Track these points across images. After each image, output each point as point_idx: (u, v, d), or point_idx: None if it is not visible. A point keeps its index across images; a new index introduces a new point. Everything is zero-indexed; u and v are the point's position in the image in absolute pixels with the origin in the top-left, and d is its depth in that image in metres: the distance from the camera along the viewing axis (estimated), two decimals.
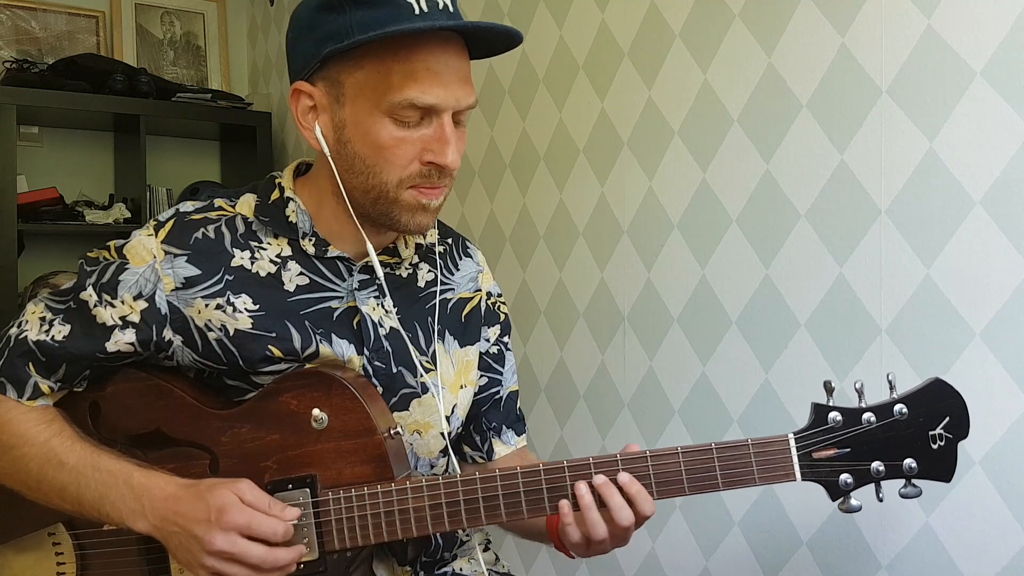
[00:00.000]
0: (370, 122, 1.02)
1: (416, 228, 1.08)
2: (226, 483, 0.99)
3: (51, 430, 1.06)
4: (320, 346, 1.08)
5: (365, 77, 1.01)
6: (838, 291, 1.43)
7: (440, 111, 1.01)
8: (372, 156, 1.03)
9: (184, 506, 0.98)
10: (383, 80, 1.00)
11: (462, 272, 1.25)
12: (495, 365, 1.26)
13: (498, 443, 1.25)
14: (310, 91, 1.05)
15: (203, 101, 3.17)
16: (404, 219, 1.06)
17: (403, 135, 1.02)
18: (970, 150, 1.26)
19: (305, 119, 1.07)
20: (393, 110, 1.00)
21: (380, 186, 1.04)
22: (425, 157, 1.03)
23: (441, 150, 1.02)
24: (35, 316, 1.09)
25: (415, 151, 1.03)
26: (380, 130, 1.02)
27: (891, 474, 0.98)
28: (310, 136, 1.07)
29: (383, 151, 1.02)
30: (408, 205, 1.05)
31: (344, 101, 1.03)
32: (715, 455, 0.98)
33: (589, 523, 0.99)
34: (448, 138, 1.02)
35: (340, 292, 1.12)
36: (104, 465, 1.03)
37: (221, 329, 1.07)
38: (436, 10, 1.00)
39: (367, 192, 1.05)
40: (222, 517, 0.96)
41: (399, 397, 1.13)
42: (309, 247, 1.11)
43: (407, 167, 1.03)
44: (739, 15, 1.58)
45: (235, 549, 0.95)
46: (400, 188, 1.04)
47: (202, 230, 1.09)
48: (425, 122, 1.02)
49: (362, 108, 1.02)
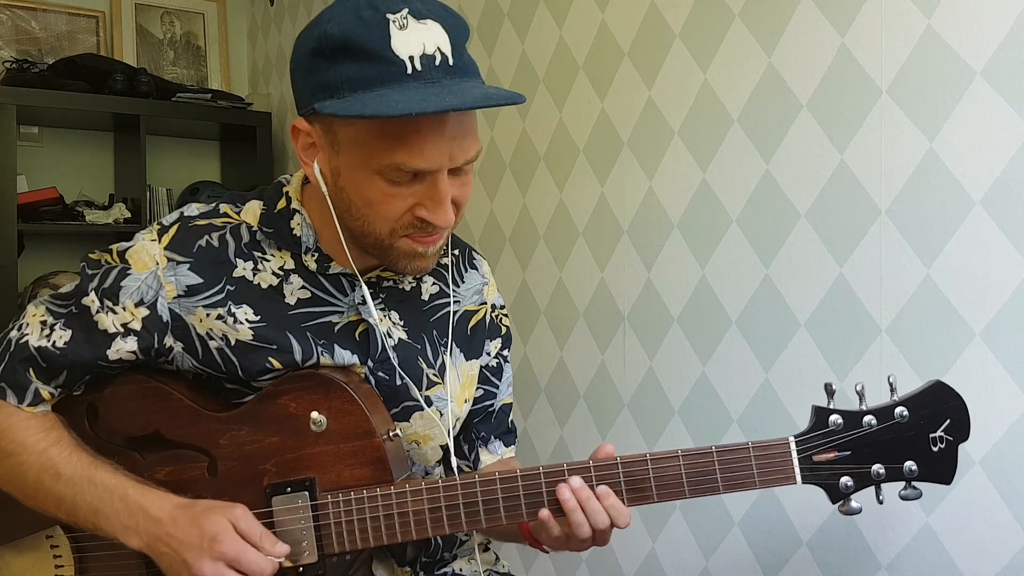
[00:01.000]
0: (361, 177, 0.97)
1: (414, 272, 1.06)
2: (221, 509, 0.99)
3: (50, 439, 1.06)
4: (322, 357, 1.08)
5: (356, 134, 0.96)
6: (838, 291, 1.43)
7: (432, 171, 0.96)
8: (364, 208, 0.99)
9: (177, 529, 0.98)
10: (373, 141, 0.95)
11: (468, 284, 1.23)
12: (492, 378, 1.25)
13: (484, 452, 1.24)
14: (308, 130, 1.01)
15: (203, 101, 3.17)
16: (401, 264, 1.04)
17: (394, 192, 0.97)
18: (970, 150, 1.26)
19: (305, 155, 1.03)
20: (383, 171, 0.96)
21: (374, 234, 1.01)
22: (418, 212, 0.98)
23: (434, 209, 0.98)
24: (36, 320, 1.09)
25: (407, 205, 0.98)
26: (371, 186, 0.97)
27: (891, 477, 0.98)
28: (310, 172, 1.03)
29: (374, 206, 0.99)
30: (404, 252, 1.02)
31: (338, 149, 0.99)
32: (715, 458, 0.98)
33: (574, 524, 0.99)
34: (441, 198, 0.97)
35: (341, 307, 1.11)
36: (100, 479, 1.03)
37: (222, 339, 1.07)
38: (431, 68, 0.93)
39: (364, 236, 1.03)
40: (213, 546, 0.96)
41: (400, 409, 1.12)
42: (311, 263, 1.10)
43: (399, 219, 0.99)
44: (739, 15, 1.58)
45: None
46: (393, 237, 1.01)
47: (206, 238, 1.09)
48: (418, 179, 0.97)
49: (354, 162, 0.97)
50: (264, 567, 0.97)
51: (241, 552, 0.97)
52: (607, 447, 1.03)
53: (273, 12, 3.38)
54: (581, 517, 0.98)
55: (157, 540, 0.99)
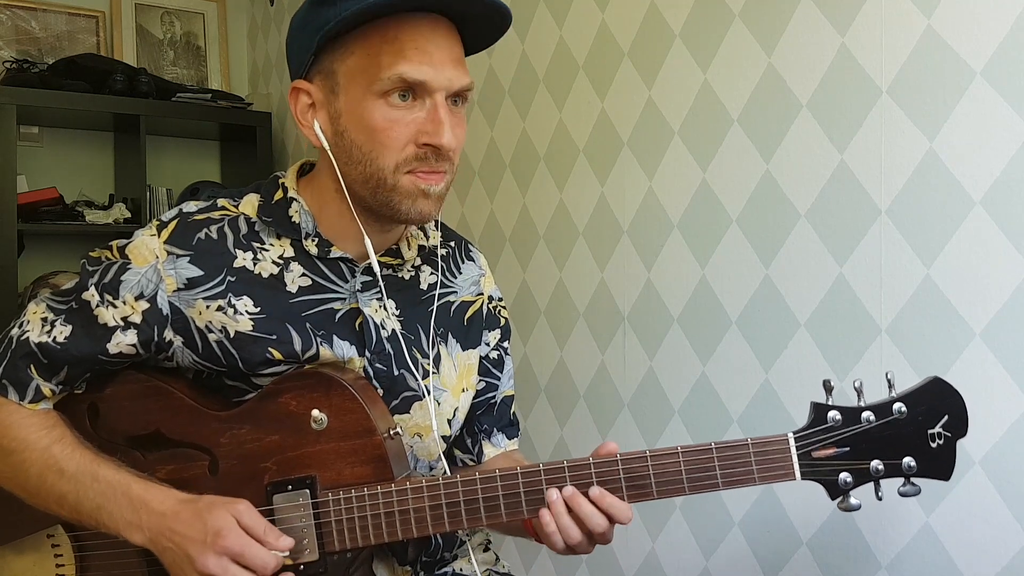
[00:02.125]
0: (364, 107, 1.02)
1: (417, 216, 1.06)
2: (225, 504, 0.99)
3: (52, 436, 1.06)
4: (321, 348, 1.08)
5: (356, 62, 1.02)
6: (838, 291, 1.43)
7: (432, 90, 1.01)
8: (368, 142, 1.03)
9: (181, 524, 0.98)
10: (373, 62, 1.00)
11: (464, 275, 1.24)
12: (494, 370, 1.25)
13: (487, 445, 1.25)
14: (307, 88, 1.06)
15: (203, 101, 3.17)
16: (405, 206, 1.04)
17: (397, 116, 1.01)
18: (970, 150, 1.26)
19: (304, 117, 1.07)
20: (385, 90, 1.00)
21: (377, 173, 1.03)
22: (420, 139, 1.02)
23: (436, 130, 1.01)
24: (36, 317, 1.09)
25: (410, 133, 1.02)
26: (374, 112, 1.01)
27: (890, 473, 0.98)
28: (309, 133, 1.07)
29: (377, 134, 1.02)
30: (407, 191, 1.04)
31: (338, 91, 1.04)
32: (715, 455, 0.98)
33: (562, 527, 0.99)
34: (442, 119, 1.01)
35: (343, 293, 1.11)
36: (103, 475, 1.03)
37: (221, 331, 1.07)
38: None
39: (366, 182, 1.04)
40: (217, 541, 0.96)
41: (400, 400, 1.13)
42: (312, 248, 1.10)
43: (403, 150, 1.02)
44: (739, 15, 1.58)
45: (225, 574, 0.96)
46: (397, 173, 1.03)
47: (205, 231, 1.09)
48: (419, 104, 1.02)
49: (355, 94, 1.02)
50: (268, 561, 0.97)
51: (245, 547, 0.97)
52: (610, 445, 1.03)
53: (273, 12, 3.39)
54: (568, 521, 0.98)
55: (160, 535, 0.99)
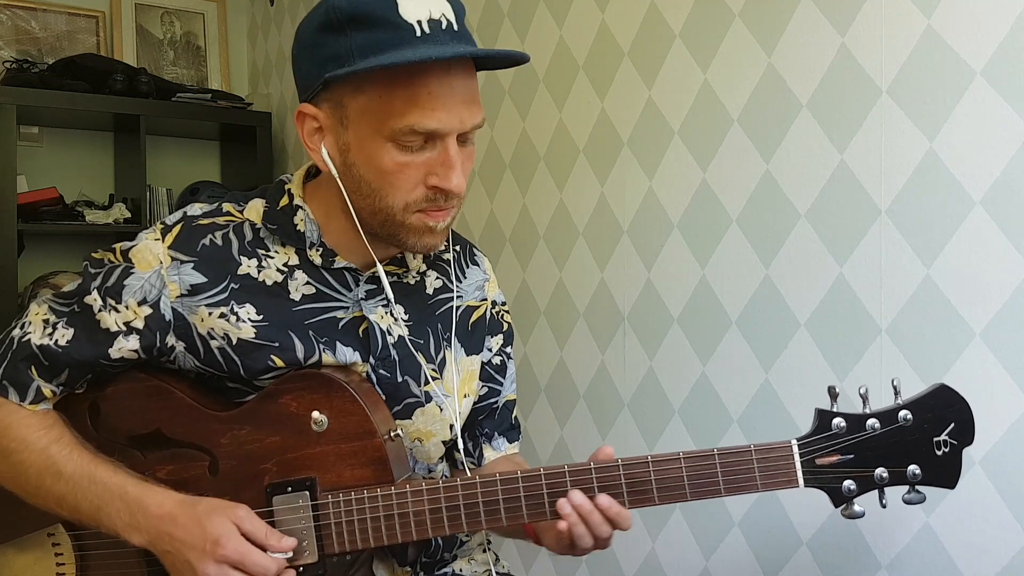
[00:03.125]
0: (373, 147, 0.99)
1: (423, 249, 1.07)
2: (225, 509, 0.99)
3: (50, 436, 1.06)
4: (323, 355, 1.08)
5: (367, 102, 0.98)
6: (838, 291, 1.43)
7: (443, 135, 0.99)
8: (376, 181, 1.01)
9: (180, 529, 0.98)
10: (384, 106, 0.97)
11: (469, 280, 1.23)
12: (496, 375, 1.25)
13: (488, 449, 1.25)
14: (315, 113, 1.03)
15: (203, 101, 3.17)
16: (411, 241, 1.05)
17: (407, 160, 0.99)
18: (970, 150, 1.26)
19: (311, 140, 1.05)
20: (395, 136, 0.97)
21: (386, 210, 1.02)
22: (430, 181, 1.00)
23: (446, 174, 1.00)
24: (38, 318, 1.09)
25: (419, 175, 1.00)
26: (383, 155, 0.99)
27: (895, 481, 0.97)
28: (317, 158, 1.05)
29: (387, 176, 1.00)
30: (415, 228, 1.03)
31: (348, 124, 1.01)
32: (717, 461, 0.98)
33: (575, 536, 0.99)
34: (452, 162, 0.99)
35: (346, 302, 1.11)
36: (100, 477, 1.03)
37: (224, 338, 1.07)
38: (439, 31, 0.97)
39: (374, 215, 1.04)
40: (217, 549, 0.96)
41: (403, 406, 1.12)
42: (316, 258, 1.10)
43: (412, 192, 1.01)
44: (739, 15, 1.58)
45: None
46: (407, 212, 1.02)
47: (209, 236, 1.09)
48: (429, 146, 0.99)
49: (365, 132, 0.99)
50: (269, 567, 0.97)
51: (245, 554, 0.96)
52: (606, 449, 1.03)
53: (273, 12, 3.38)
54: (583, 530, 0.99)
55: (159, 538, 0.99)
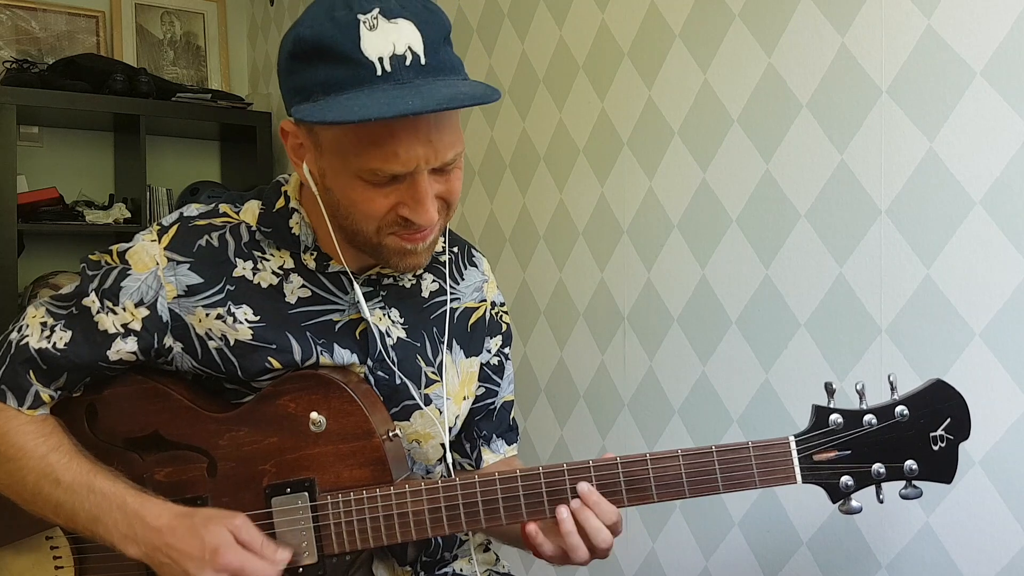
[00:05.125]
0: (343, 179, 0.98)
1: (407, 269, 1.06)
2: (222, 518, 0.99)
3: (49, 444, 1.05)
4: (321, 357, 1.08)
5: (334, 137, 0.96)
6: (838, 291, 1.42)
7: (411, 172, 0.95)
8: (349, 208, 1.00)
9: (177, 539, 0.98)
10: (349, 144, 0.95)
11: (467, 281, 1.23)
12: (494, 376, 1.25)
13: (487, 451, 1.24)
14: (295, 131, 1.02)
15: (203, 101, 3.17)
16: (393, 261, 1.04)
17: (375, 192, 0.97)
18: (970, 150, 1.26)
19: (295, 155, 1.04)
20: (360, 175, 0.96)
21: (362, 233, 1.01)
22: (401, 211, 0.98)
23: (414, 208, 0.97)
24: (36, 321, 1.08)
25: (389, 204, 0.97)
26: (352, 188, 0.97)
27: (892, 476, 0.98)
28: (300, 173, 1.04)
29: (357, 206, 0.99)
30: (393, 250, 1.02)
31: (321, 151, 0.99)
32: (715, 458, 0.98)
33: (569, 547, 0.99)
34: (420, 197, 0.96)
35: (342, 305, 1.11)
36: (98, 487, 1.02)
37: (221, 339, 1.07)
38: (402, 68, 0.91)
39: (354, 235, 1.03)
40: (216, 558, 0.96)
41: (401, 408, 1.12)
42: (311, 262, 1.10)
43: (383, 218, 0.99)
44: (739, 15, 1.58)
45: None
46: (380, 235, 1.01)
47: (206, 237, 1.09)
48: (399, 179, 0.96)
49: (335, 164, 0.98)
50: (269, 574, 0.97)
51: (244, 562, 0.96)
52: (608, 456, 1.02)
53: (273, 12, 3.38)
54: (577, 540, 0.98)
55: (156, 550, 0.99)
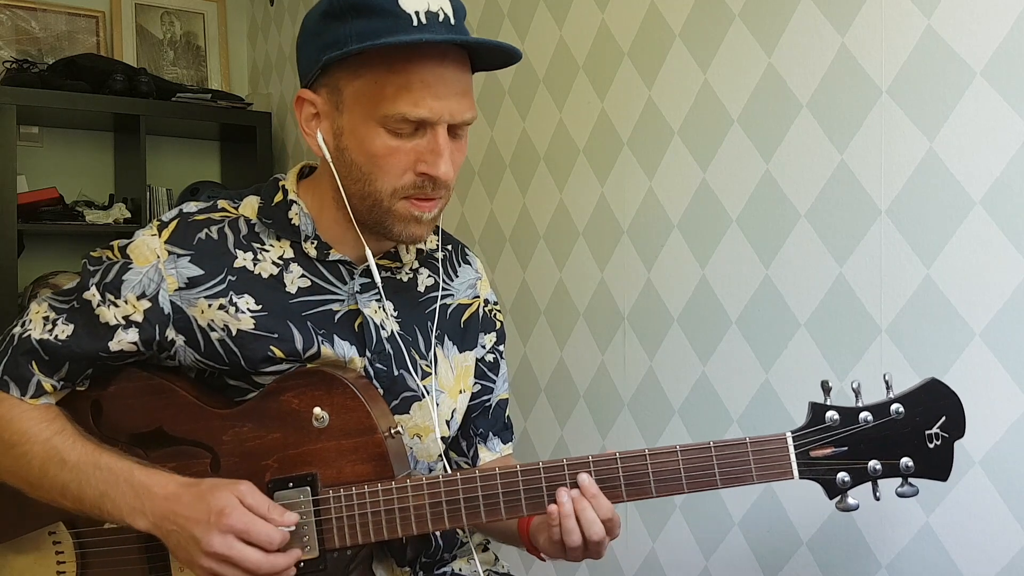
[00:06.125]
0: (365, 130, 1.02)
1: (408, 239, 1.08)
2: (227, 485, 1.00)
3: (53, 428, 1.06)
4: (322, 347, 1.09)
5: (362, 86, 1.01)
6: (838, 291, 1.43)
7: (433, 123, 1.01)
8: (367, 164, 1.03)
9: (184, 506, 0.99)
10: (378, 91, 1.00)
11: (461, 279, 1.25)
12: (489, 373, 1.26)
13: (483, 449, 1.26)
14: (312, 99, 1.06)
15: (203, 101, 3.17)
16: (397, 229, 1.07)
17: (396, 144, 1.02)
18: (970, 150, 1.26)
19: (308, 126, 1.08)
20: (386, 121, 1.01)
21: (375, 194, 1.05)
22: (419, 168, 1.03)
23: (434, 161, 1.02)
24: (39, 315, 1.09)
25: (408, 161, 1.03)
26: (374, 139, 1.02)
27: (888, 473, 0.98)
28: (312, 142, 1.08)
29: (377, 160, 1.03)
30: (401, 216, 1.06)
31: (343, 108, 1.04)
32: (713, 453, 0.99)
33: (565, 530, 0.99)
34: (441, 150, 1.02)
35: (341, 295, 1.12)
36: (105, 463, 1.03)
37: (224, 329, 1.07)
38: (436, 23, 0.99)
39: (363, 199, 1.06)
40: (221, 520, 0.96)
41: (400, 400, 1.13)
42: (311, 250, 1.11)
43: (401, 177, 1.03)
44: (739, 15, 1.58)
45: (232, 552, 0.96)
46: (394, 198, 1.04)
47: (205, 231, 1.10)
48: (419, 133, 1.02)
49: (358, 116, 1.02)
50: (273, 536, 0.98)
51: (250, 523, 0.97)
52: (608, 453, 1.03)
53: (273, 12, 3.39)
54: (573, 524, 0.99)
55: (164, 519, 0.99)
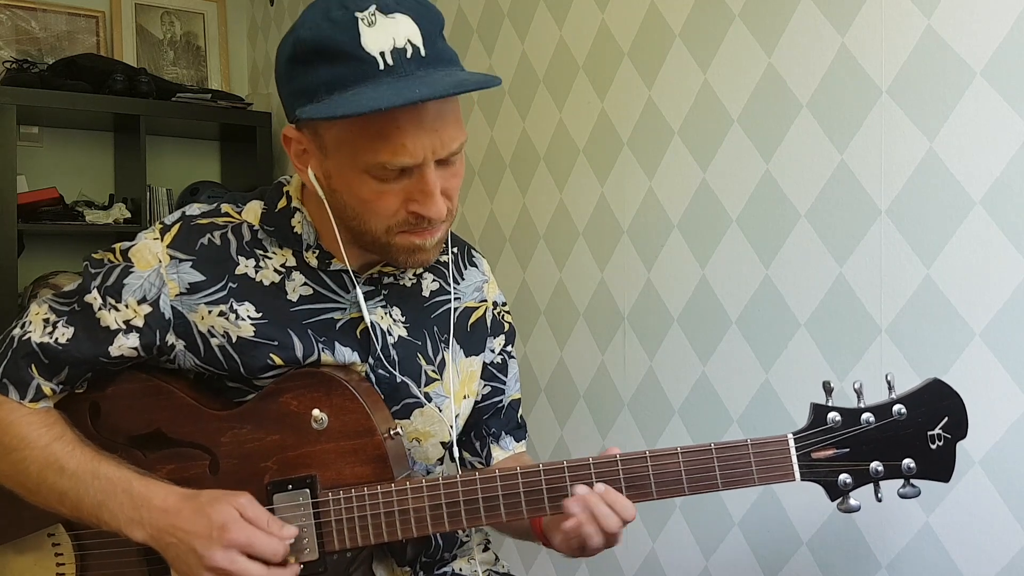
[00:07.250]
0: (351, 176, 0.99)
1: (415, 265, 1.07)
2: (227, 497, 0.99)
3: (52, 434, 1.06)
4: (322, 354, 1.08)
5: (340, 133, 0.97)
6: (838, 291, 1.43)
7: (419, 164, 0.97)
8: (358, 207, 1.01)
9: (184, 520, 0.98)
10: (356, 140, 0.96)
11: (468, 281, 1.24)
12: (499, 375, 1.26)
13: (496, 448, 1.25)
14: (299, 137, 1.03)
15: (203, 101, 3.17)
16: (401, 259, 1.05)
17: (384, 188, 0.98)
18: (970, 150, 1.26)
19: (299, 161, 1.05)
20: (370, 169, 0.97)
21: (371, 232, 1.02)
22: (410, 207, 0.99)
23: (424, 201, 0.98)
24: (39, 317, 1.09)
25: (399, 201, 0.99)
26: (361, 185, 0.99)
27: (890, 474, 0.98)
28: (305, 178, 1.05)
29: (367, 204, 1.00)
30: (402, 248, 1.03)
31: (327, 152, 1.00)
32: (714, 455, 0.99)
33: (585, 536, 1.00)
34: (431, 190, 0.98)
35: (343, 303, 1.11)
36: (104, 472, 1.03)
37: (224, 336, 1.07)
38: (403, 61, 0.93)
39: (362, 235, 1.04)
40: (223, 534, 0.96)
41: (401, 406, 1.13)
42: (313, 260, 1.10)
43: (393, 216, 1.00)
44: (739, 15, 1.58)
45: (235, 567, 0.96)
46: (390, 235, 1.02)
47: (208, 236, 1.09)
48: (406, 174, 0.98)
49: (343, 162, 0.99)
50: (277, 549, 0.98)
51: (252, 537, 0.97)
52: (612, 450, 1.03)
53: (273, 12, 3.39)
54: (592, 528, 0.99)
55: (163, 532, 0.99)
